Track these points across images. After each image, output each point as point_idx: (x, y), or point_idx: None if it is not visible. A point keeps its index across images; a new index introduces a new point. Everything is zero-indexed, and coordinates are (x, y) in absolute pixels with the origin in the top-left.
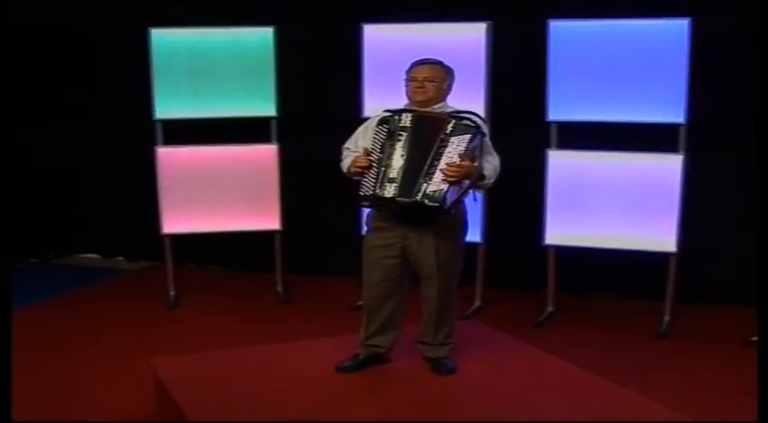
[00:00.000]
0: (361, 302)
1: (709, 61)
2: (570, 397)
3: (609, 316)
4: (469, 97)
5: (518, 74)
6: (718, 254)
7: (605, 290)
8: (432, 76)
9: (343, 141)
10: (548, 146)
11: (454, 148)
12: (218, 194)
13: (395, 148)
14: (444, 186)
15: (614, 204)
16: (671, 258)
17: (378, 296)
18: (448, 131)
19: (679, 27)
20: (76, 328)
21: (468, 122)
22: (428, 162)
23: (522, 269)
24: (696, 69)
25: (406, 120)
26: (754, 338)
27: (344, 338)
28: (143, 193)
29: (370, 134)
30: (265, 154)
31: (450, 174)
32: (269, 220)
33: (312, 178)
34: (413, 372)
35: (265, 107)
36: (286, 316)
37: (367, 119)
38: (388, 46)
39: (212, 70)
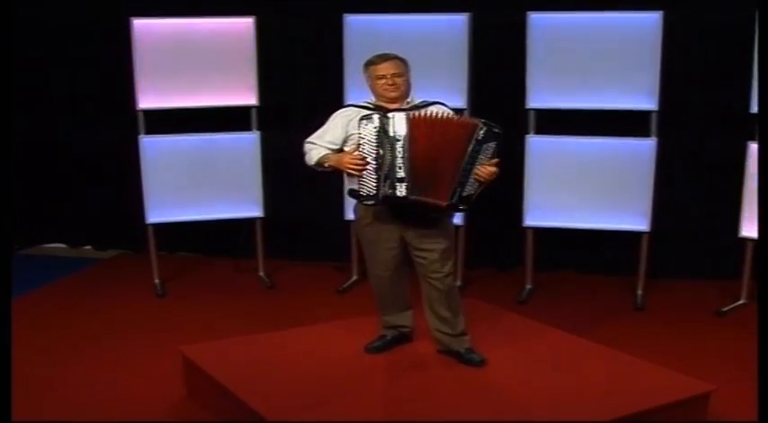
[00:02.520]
0: (346, 285)
1: (679, 52)
2: (602, 371)
3: (584, 292)
4: (452, 86)
5: (498, 63)
6: (681, 231)
7: (574, 267)
8: (399, 71)
9: None
10: (527, 132)
11: (485, 154)
12: (200, 183)
13: (396, 148)
14: (474, 190)
15: (590, 187)
16: (643, 236)
17: (386, 284)
18: (480, 138)
19: (652, 20)
20: (69, 321)
21: (496, 129)
22: (461, 167)
23: (498, 249)
24: (667, 59)
25: (401, 120)
26: (725, 309)
27: (357, 321)
28: (111, 182)
29: (339, 129)
30: (247, 142)
31: (486, 179)
32: (251, 207)
33: (293, 166)
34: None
35: (247, 96)
36: (276, 301)
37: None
38: (370, 36)
39: (194, 60)
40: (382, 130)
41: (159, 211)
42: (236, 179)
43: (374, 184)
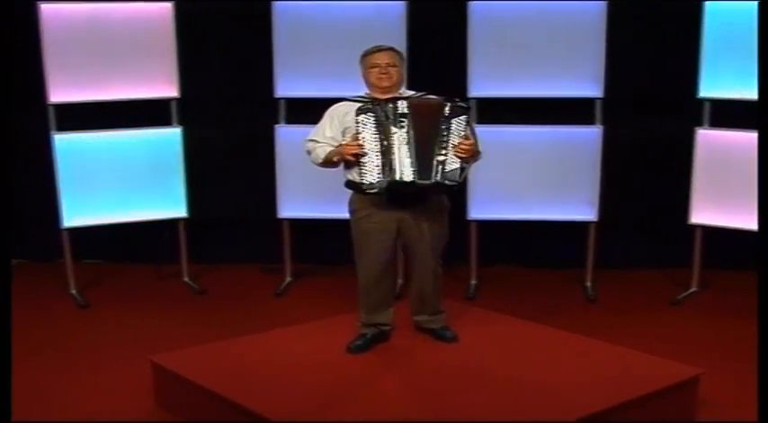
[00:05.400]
0: (282, 287)
1: (623, 38)
2: (589, 360)
3: (531, 286)
4: None
5: (438, 53)
6: (626, 221)
7: (517, 261)
8: (393, 61)
9: (258, 122)
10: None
11: (456, 129)
12: (118, 183)
13: (399, 135)
14: (457, 165)
15: (535, 177)
16: (590, 226)
17: (374, 277)
18: (447, 114)
19: (596, 8)
20: None
21: (462, 104)
22: (438, 145)
23: None
24: (611, 46)
25: (403, 107)
26: (679, 297)
27: (330, 321)
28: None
29: (336, 124)
30: (168, 138)
31: (462, 153)
32: (174, 207)
33: (217, 162)
34: (418, 344)
35: (167, 88)
36: (211, 307)
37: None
38: (302, 24)
39: (109, 49)
40: (385, 118)
41: (74, 215)
42: (157, 178)
43: (377, 173)
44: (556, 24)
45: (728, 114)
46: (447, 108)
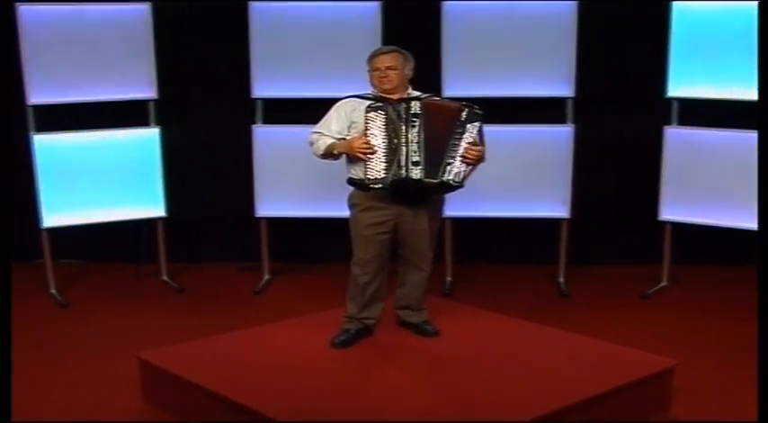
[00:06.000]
0: (261, 285)
1: (593, 38)
2: (566, 353)
3: (505, 282)
4: (363, 77)
5: (412, 53)
6: (598, 218)
7: (489, 258)
8: (393, 64)
9: (235, 122)
10: None
11: (470, 134)
12: (96, 183)
13: (411, 134)
14: (464, 168)
15: (508, 175)
16: (563, 223)
17: (371, 271)
18: (463, 118)
19: (567, 8)
20: None
21: (478, 110)
22: (449, 146)
23: None
24: (582, 46)
25: (416, 107)
26: (650, 292)
27: (312, 317)
28: None
29: (343, 118)
30: (147, 138)
31: (470, 157)
32: (153, 207)
33: (197, 162)
34: (401, 339)
35: (145, 89)
36: (193, 305)
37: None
38: (278, 24)
39: (87, 50)
40: (396, 117)
41: (53, 215)
42: (136, 178)
43: (383, 169)
44: (527, 25)
45: (696, 113)
46: (464, 113)
